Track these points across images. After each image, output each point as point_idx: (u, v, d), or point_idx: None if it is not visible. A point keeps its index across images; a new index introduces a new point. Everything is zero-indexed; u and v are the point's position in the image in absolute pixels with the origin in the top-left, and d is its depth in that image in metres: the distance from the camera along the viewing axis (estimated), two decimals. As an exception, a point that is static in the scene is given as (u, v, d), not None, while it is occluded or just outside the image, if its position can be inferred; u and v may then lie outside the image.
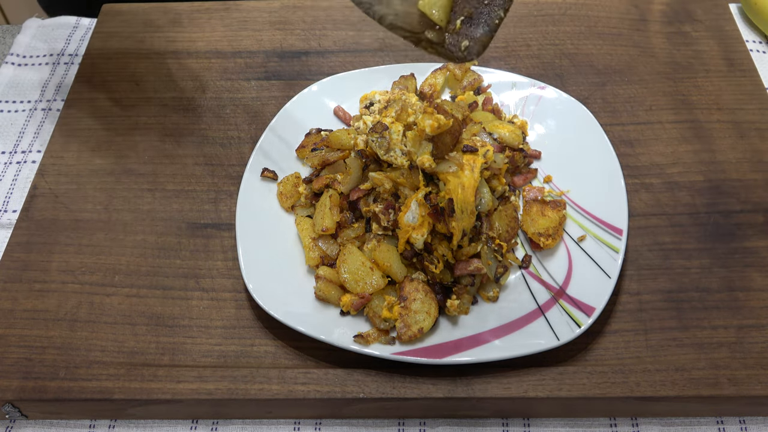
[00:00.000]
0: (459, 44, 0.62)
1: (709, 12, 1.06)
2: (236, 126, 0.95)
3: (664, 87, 0.97)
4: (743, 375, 0.71)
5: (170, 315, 0.78)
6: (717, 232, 0.82)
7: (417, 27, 0.62)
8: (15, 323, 0.78)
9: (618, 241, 0.77)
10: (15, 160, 0.96)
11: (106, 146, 0.94)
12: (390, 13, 0.62)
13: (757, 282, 0.78)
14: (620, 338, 0.75)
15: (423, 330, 0.72)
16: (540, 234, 0.79)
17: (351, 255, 0.76)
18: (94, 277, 0.82)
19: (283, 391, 0.72)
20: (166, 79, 1.01)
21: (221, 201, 0.87)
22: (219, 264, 0.82)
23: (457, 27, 0.62)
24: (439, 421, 0.74)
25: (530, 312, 0.74)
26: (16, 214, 0.89)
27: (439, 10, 0.61)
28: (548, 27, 1.05)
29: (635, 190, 0.86)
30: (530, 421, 0.74)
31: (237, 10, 1.09)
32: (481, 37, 0.62)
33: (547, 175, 0.86)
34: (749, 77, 0.97)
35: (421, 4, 0.62)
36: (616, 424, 0.74)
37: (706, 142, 0.91)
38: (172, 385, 0.73)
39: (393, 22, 0.63)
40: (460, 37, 0.62)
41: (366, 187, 0.79)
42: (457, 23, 0.62)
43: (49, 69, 1.07)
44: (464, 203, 0.74)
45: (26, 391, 0.73)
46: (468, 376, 0.72)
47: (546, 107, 0.91)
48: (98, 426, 0.76)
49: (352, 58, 1.02)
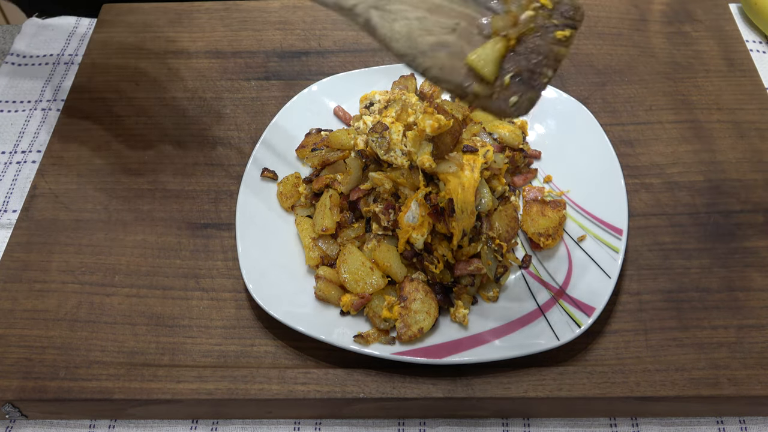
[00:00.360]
0: (507, 99, 0.62)
1: (709, 12, 1.06)
2: (236, 126, 0.95)
3: (664, 87, 0.97)
4: (743, 375, 0.71)
5: (170, 315, 0.78)
6: (717, 232, 0.82)
7: (463, 80, 0.62)
8: (15, 323, 0.78)
9: (618, 241, 0.77)
10: (15, 160, 0.96)
11: (106, 146, 0.94)
12: (435, 66, 0.62)
13: (757, 282, 0.78)
14: (620, 338, 0.75)
15: (423, 330, 0.72)
16: (540, 234, 0.79)
17: (351, 255, 0.76)
18: (94, 277, 0.82)
19: (283, 391, 0.72)
20: (166, 79, 1.01)
21: (221, 201, 0.87)
22: (219, 264, 0.82)
23: (505, 83, 0.62)
24: (439, 421, 0.74)
25: (530, 312, 0.74)
26: (16, 214, 0.89)
27: (490, 65, 0.61)
28: (548, 27, 1.05)
29: (635, 190, 0.86)
30: (530, 421, 0.74)
31: (237, 10, 1.09)
32: (530, 95, 0.62)
33: (547, 175, 0.86)
34: (749, 77, 0.97)
35: (470, 59, 0.61)
36: (616, 424, 0.74)
37: (706, 142, 0.91)
38: (172, 385, 0.73)
39: (437, 76, 0.62)
40: (509, 93, 0.62)
41: (366, 187, 0.79)
42: (506, 79, 0.62)
43: (49, 69, 1.07)
44: (464, 203, 0.74)
45: (26, 391, 0.73)
46: (468, 376, 0.72)
47: (546, 107, 0.91)
48: (98, 426, 0.76)
49: (352, 58, 1.02)
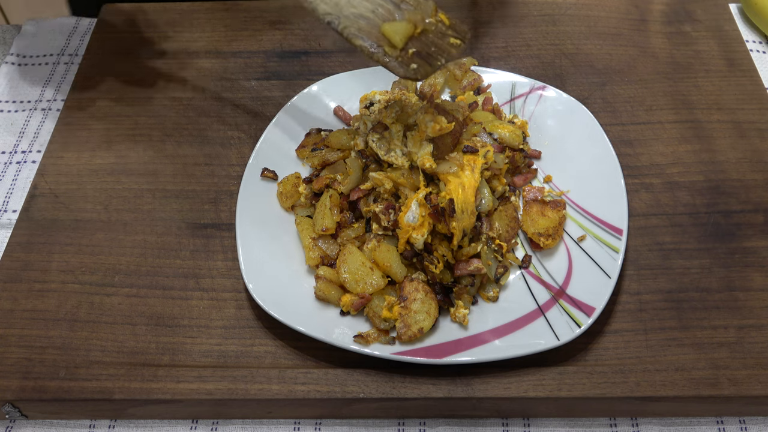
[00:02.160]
0: (408, 65, 0.74)
1: (709, 12, 1.06)
2: (236, 126, 0.95)
3: (664, 87, 0.97)
4: (743, 375, 0.71)
5: (170, 315, 0.78)
6: (717, 232, 0.82)
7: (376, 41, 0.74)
8: (15, 323, 0.78)
9: (618, 241, 0.77)
10: (15, 160, 0.96)
11: (106, 146, 0.94)
12: (353, 27, 0.74)
13: (757, 282, 0.78)
14: (620, 338, 0.75)
15: (423, 330, 0.72)
16: (540, 234, 0.79)
17: (351, 255, 0.76)
18: (94, 277, 0.82)
19: (283, 391, 0.72)
20: (166, 78, 1.01)
21: (221, 201, 0.87)
22: (219, 264, 0.82)
23: (409, 54, 0.75)
24: (439, 421, 0.74)
25: (530, 312, 0.74)
26: (16, 214, 0.89)
27: (400, 34, 0.74)
28: (548, 27, 1.05)
29: (635, 190, 0.86)
30: (530, 421, 0.74)
31: (237, 10, 1.09)
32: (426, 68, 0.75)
33: (547, 175, 0.86)
34: (749, 77, 0.97)
35: (384, 27, 0.75)
36: (616, 424, 0.74)
37: (706, 142, 0.91)
38: (172, 385, 0.73)
39: (354, 34, 0.74)
40: (410, 61, 0.74)
41: (366, 187, 0.79)
42: (409, 51, 0.75)
43: (49, 69, 1.07)
44: (465, 203, 0.74)
45: (26, 391, 0.73)
46: (468, 376, 0.72)
47: (546, 107, 0.91)
48: (98, 426, 0.76)
49: (352, 58, 1.01)
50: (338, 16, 0.74)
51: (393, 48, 0.74)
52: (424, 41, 0.76)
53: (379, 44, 0.74)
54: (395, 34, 0.74)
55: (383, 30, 0.75)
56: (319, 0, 0.75)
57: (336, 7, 0.75)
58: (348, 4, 0.75)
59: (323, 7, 0.75)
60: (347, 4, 0.75)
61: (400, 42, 0.74)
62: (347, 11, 0.75)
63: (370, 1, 0.76)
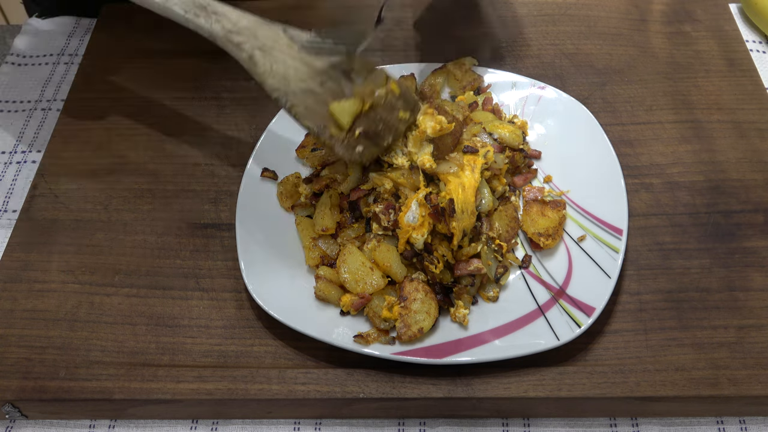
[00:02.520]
0: (354, 148, 0.74)
1: (709, 12, 1.06)
2: (236, 126, 0.95)
3: (664, 87, 0.97)
4: (743, 375, 0.71)
5: (170, 315, 0.78)
6: (717, 232, 0.82)
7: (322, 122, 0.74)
8: (15, 323, 0.78)
9: (618, 241, 0.77)
10: (15, 160, 0.96)
11: (106, 146, 0.94)
12: (301, 105, 0.73)
13: (757, 282, 0.78)
14: (620, 338, 0.75)
15: (423, 330, 0.72)
16: (540, 234, 0.79)
17: (351, 255, 0.76)
18: (94, 277, 0.82)
19: (283, 391, 0.72)
20: (166, 78, 1.01)
21: (221, 201, 0.87)
22: (219, 264, 0.82)
23: (355, 135, 0.74)
24: (439, 421, 0.74)
25: (530, 312, 0.74)
26: (16, 214, 0.89)
27: (347, 115, 0.73)
28: (548, 27, 1.05)
29: (635, 190, 0.86)
30: (530, 421, 0.74)
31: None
32: (372, 150, 0.76)
33: (547, 175, 0.86)
34: (749, 77, 0.97)
35: (332, 107, 0.73)
36: (616, 424, 0.74)
37: (706, 142, 0.91)
38: (172, 385, 0.73)
39: (302, 113, 0.73)
40: (356, 143, 0.74)
41: (366, 187, 0.79)
42: (356, 132, 0.74)
43: (49, 69, 1.07)
44: (465, 203, 0.74)
45: (26, 391, 0.73)
46: (468, 376, 0.72)
47: (546, 107, 0.91)
48: (98, 426, 0.76)
49: (352, 58, 1.01)
50: (286, 93, 0.73)
51: (339, 129, 0.73)
52: (372, 118, 0.75)
53: (325, 125, 0.73)
54: (342, 115, 0.73)
55: (331, 109, 0.73)
56: (267, 75, 0.73)
57: (284, 81, 0.73)
58: (296, 78, 0.73)
59: (271, 82, 0.73)
60: (295, 78, 0.73)
61: (347, 123, 0.73)
62: (295, 86, 0.73)
63: (319, 74, 0.74)
